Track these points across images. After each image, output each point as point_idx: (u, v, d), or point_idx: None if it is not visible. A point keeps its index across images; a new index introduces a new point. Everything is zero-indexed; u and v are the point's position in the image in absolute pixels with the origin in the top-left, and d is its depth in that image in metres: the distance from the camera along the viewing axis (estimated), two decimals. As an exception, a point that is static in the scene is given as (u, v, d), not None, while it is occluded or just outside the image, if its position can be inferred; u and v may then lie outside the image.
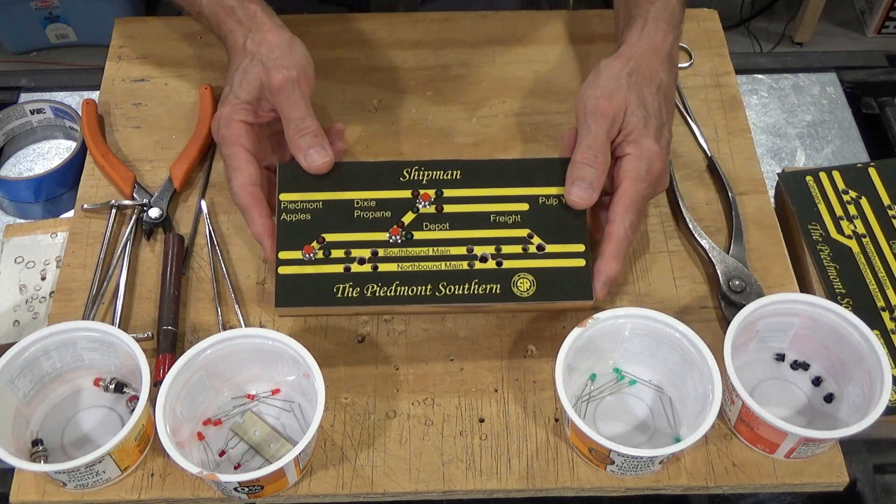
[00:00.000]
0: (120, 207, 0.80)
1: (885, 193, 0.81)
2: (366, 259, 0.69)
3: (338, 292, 0.68)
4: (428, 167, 0.72)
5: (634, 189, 0.69)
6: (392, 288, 0.68)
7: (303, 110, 0.70)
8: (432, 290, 0.68)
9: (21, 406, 0.67)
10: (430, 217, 0.71)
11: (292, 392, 0.70)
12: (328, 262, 0.69)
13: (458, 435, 0.69)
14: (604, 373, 0.71)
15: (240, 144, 0.71)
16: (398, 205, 0.71)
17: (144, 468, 0.67)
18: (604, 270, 0.68)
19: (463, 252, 0.69)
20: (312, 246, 0.69)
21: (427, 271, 0.69)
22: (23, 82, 0.96)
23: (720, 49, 0.93)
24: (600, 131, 0.69)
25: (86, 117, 0.86)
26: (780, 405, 0.70)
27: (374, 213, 0.70)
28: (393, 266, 0.69)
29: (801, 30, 2.27)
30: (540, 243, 0.70)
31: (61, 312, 0.75)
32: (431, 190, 0.71)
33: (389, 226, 0.70)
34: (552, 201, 0.71)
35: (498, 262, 0.69)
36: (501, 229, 0.70)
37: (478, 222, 0.70)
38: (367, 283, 0.68)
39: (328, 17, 0.95)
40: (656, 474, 0.67)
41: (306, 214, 0.70)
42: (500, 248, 0.70)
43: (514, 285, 0.69)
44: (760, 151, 0.91)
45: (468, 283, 0.69)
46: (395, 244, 0.69)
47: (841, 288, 0.76)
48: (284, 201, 0.70)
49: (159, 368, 0.70)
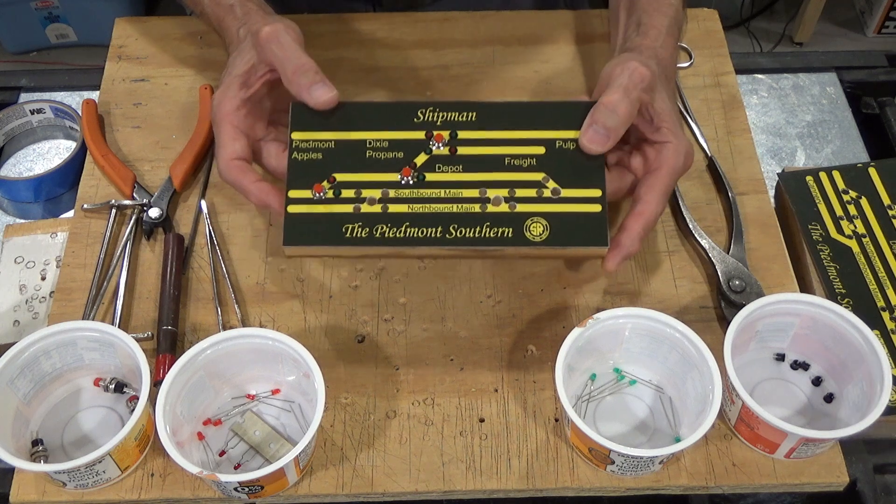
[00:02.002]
0: (120, 207, 0.80)
1: (885, 193, 0.81)
2: (376, 199, 0.67)
3: (346, 232, 0.66)
4: (443, 108, 0.70)
5: (670, 179, 0.68)
6: (402, 229, 0.66)
7: (296, 50, 0.69)
8: (443, 233, 0.66)
9: (21, 406, 0.67)
10: (443, 159, 0.69)
11: (292, 392, 0.70)
12: (338, 202, 0.67)
13: (458, 435, 0.69)
14: (604, 373, 0.71)
15: (227, 121, 0.70)
16: (411, 146, 0.69)
17: (144, 468, 0.68)
18: (626, 245, 0.67)
19: (475, 195, 0.67)
20: (322, 185, 0.68)
21: (438, 213, 0.67)
22: (23, 82, 0.96)
23: (720, 49, 0.93)
24: (636, 85, 0.67)
25: (86, 117, 0.86)
26: (780, 405, 0.70)
27: (386, 154, 0.69)
28: (403, 207, 0.67)
29: (801, 30, 2.27)
30: (555, 187, 0.68)
31: (61, 312, 0.75)
32: (446, 131, 0.69)
33: (401, 167, 0.68)
34: (569, 145, 0.68)
35: (511, 206, 0.67)
36: (516, 172, 0.68)
37: (492, 165, 0.68)
38: (376, 223, 0.67)
39: (328, 17, 0.95)
40: (656, 474, 0.67)
41: (317, 154, 0.69)
42: (513, 191, 0.67)
43: (526, 229, 0.66)
44: (760, 151, 0.91)
45: (480, 226, 0.66)
46: (406, 185, 0.68)
47: (841, 288, 0.76)
48: (296, 140, 0.69)
49: (159, 368, 0.70)
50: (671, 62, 0.75)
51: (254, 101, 0.72)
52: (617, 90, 0.67)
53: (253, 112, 0.72)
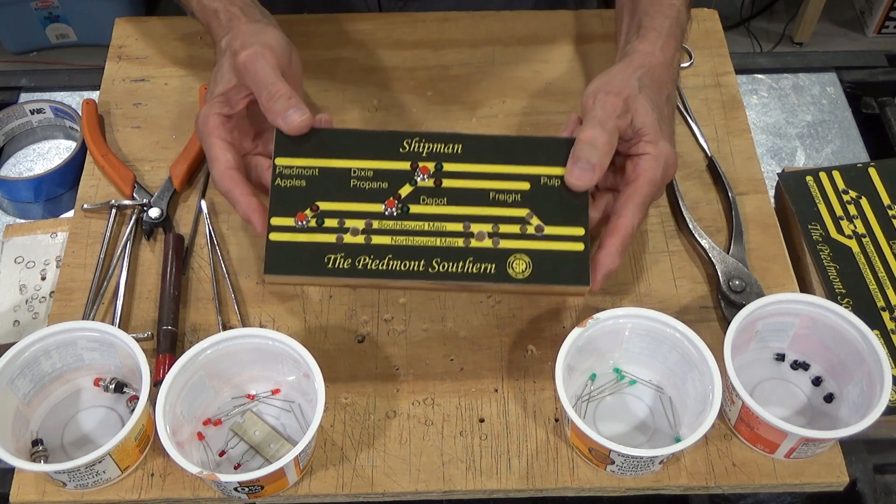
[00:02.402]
0: (120, 207, 0.80)
1: (885, 193, 0.81)
2: (359, 230, 0.67)
3: (329, 262, 0.66)
4: (429, 139, 0.70)
5: (648, 189, 0.68)
6: (385, 262, 0.66)
7: (271, 77, 0.69)
8: (425, 266, 0.66)
9: (21, 406, 0.67)
10: (427, 191, 0.68)
11: (292, 392, 0.70)
12: (321, 231, 0.67)
13: (458, 435, 0.69)
14: (604, 373, 0.71)
15: (215, 136, 0.69)
16: (396, 176, 0.68)
17: (144, 468, 0.67)
18: (606, 264, 0.67)
19: (459, 229, 0.67)
20: (305, 213, 0.67)
21: (421, 247, 0.67)
22: (23, 82, 0.96)
23: (720, 49, 0.93)
24: (609, 115, 0.68)
25: (86, 117, 0.86)
26: (780, 405, 0.70)
27: (370, 184, 0.68)
28: (387, 239, 0.67)
29: (801, 30, 2.27)
30: (539, 224, 0.67)
31: (61, 312, 0.75)
32: (431, 163, 0.69)
33: (386, 197, 0.68)
34: (554, 182, 0.68)
35: (495, 241, 0.67)
36: (500, 207, 0.68)
37: (476, 199, 0.68)
38: (359, 254, 0.66)
39: (328, 17, 0.95)
40: (656, 474, 0.67)
41: (301, 181, 0.68)
42: (497, 226, 0.67)
43: (509, 266, 0.66)
44: (760, 151, 0.91)
45: (463, 260, 0.66)
46: (390, 217, 0.67)
47: (841, 288, 0.76)
48: (280, 166, 0.68)
49: (159, 368, 0.70)
50: (667, 66, 0.74)
51: (239, 118, 0.72)
52: (592, 125, 0.67)
53: (239, 127, 0.72)
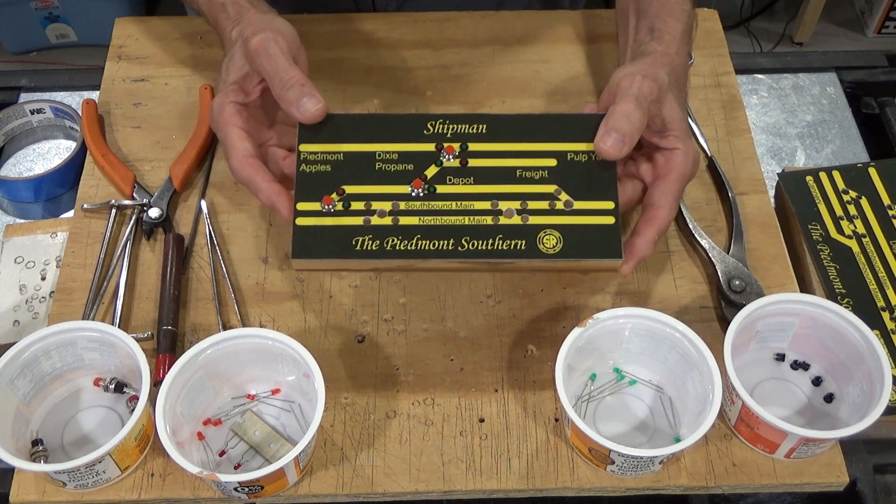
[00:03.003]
0: (120, 207, 0.80)
1: (885, 193, 0.81)
2: (386, 212, 0.67)
3: (357, 245, 0.66)
4: (453, 120, 0.70)
5: (681, 182, 0.69)
6: (413, 242, 0.66)
7: (283, 63, 0.68)
8: (455, 245, 0.66)
9: (21, 406, 0.67)
10: (453, 171, 0.68)
11: (292, 392, 0.70)
12: (347, 214, 0.67)
13: (458, 435, 0.69)
14: (604, 373, 0.71)
15: (232, 124, 0.69)
16: (421, 158, 0.68)
17: (144, 468, 0.68)
18: (642, 250, 0.68)
19: (487, 207, 0.67)
20: (332, 197, 0.67)
21: (450, 226, 0.66)
22: (23, 82, 0.96)
23: (720, 49, 0.93)
24: (646, 96, 0.68)
25: (86, 117, 0.86)
26: (780, 405, 0.70)
27: (396, 166, 0.68)
28: (414, 220, 0.67)
29: (801, 30, 2.27)
30: (567, 199, 0.67)
31: (61, 312, 0.75)
32: (456, 143, 0.69)
33: (411, 179, 0.68)
34: (581, 157, 0.68)
35: (524, 218, 0.67)
36: (528, 185, 0.68)
37: (503, 177, 0.68)
38: (387, 236, 0.66)
39: (328, 17, 0.95)
40: (656, 474, 0.67)
41: (326, 166, 0.68)
42: (525, 203, 0.67)
43: (539, 242, 0.66)
44: (760, 151, 0.91)
45: (492, 238, 0.66)
46: (417, 197, 0.67)
47: (841, 288, 0.76)
48: (304, 152, 0.69)
49: (159, 368, 0.70)
50: (684, 70, 0.75)
51: (254, 107, 0.72)
52: (630, 99, 0.67)
53: (254, 116, 0.72)
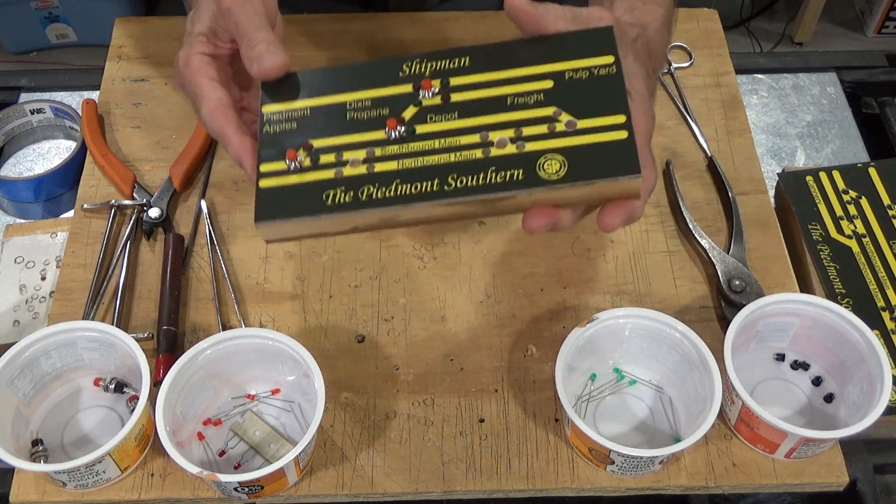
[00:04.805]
0: (120, 207, 0.80)
1: (885, 193, 0.81)
2: (360, 160, 0.59)
3: (328, 199, 0.57)
4: (431, 58, 0.61)
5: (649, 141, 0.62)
6: (391, 188, 0.57)
7: (255, 24, 0.62)
8: (440, 185, 0.57)
9: (21, 406, 0.67)
10: (434, 108, 0.60)
11: (292, 392, 0.70)
12: (316, 169, 0.59)
13: (458, 435, 0.69)
14: (604, 373, 0.71)
15: (202, 75, 0.63)
16: (397, 101, 0.60)
17: (144, 468, 0.68)
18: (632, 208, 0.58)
19: (476, 140, 0.58)
20: (297, 153, 0.59)
21: (433, 166, 0.58)
22: (23, 82, 0.96)
23: (720, 49, 0.92)
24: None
25: (86, 117, 0.86)
26: (780, 405, 0.70)
27: (369, 113, 0.60)
28: (392, 164, 0.58)
29: (801, 30, 2.27)
30: (570, 120, 0.58)
31: (61, 312, 0.75)
32: (436, 80, 0.61)
33: (387, 122, 0.60)
34: (582, 73, 0.59)
35: (519, 146, 0.58)
36: (521, 111, 0.59)
37: (492, 107, 0.59)
38: (361, 185, 0.58)
39: (328, 17, 0.95)
40: (656, 474, 0.67)
41: (291, 123, 0.61)
42: (520, 130, 0.58)
43: (540, 168, 0.57)
44: (760, 151, 0.91)
45: (483, 172, 0.57)
46: (393, 140, 0.59)
47: (841, 288, 0.76)
48: (267, 113, 0.61)
49: (159, 368, 0.70)
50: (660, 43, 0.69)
51: (223, 61, 0.66)
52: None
53: (223, 70, 0.66)
